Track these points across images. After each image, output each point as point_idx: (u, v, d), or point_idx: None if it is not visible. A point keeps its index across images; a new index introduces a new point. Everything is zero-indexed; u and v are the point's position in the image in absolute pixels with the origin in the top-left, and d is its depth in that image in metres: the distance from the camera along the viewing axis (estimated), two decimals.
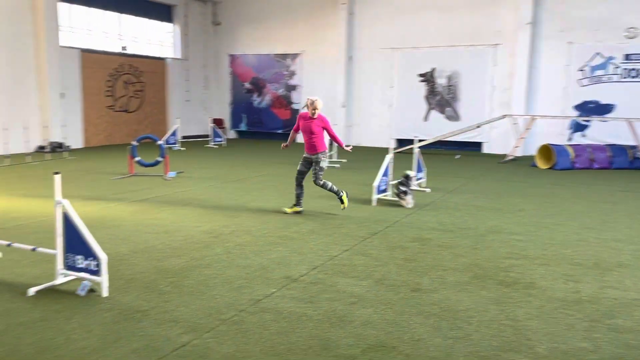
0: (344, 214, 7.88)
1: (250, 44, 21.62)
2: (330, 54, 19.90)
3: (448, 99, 18.38)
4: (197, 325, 3.95)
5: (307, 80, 20.68)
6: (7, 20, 14.88)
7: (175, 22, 21.13)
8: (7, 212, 7.67)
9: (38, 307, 4.23)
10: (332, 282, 4.94)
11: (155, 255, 5.70)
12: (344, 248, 6.09)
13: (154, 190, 9.67)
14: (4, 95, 14.97)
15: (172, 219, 7.40)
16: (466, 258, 5.79)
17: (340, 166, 13.56)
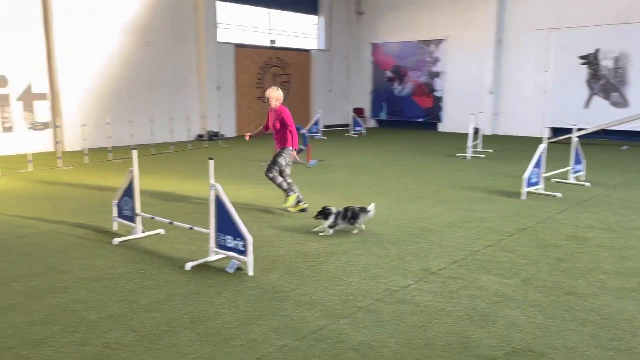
0: (487, 208, 7.43)
1: (392, 32, 21.39)
2: (477, 38, 18.90)
3: (614, 84, 16.36)
4: (334, 310, 4.00)
5: (452, 67, 19.90)
6: (171, 19, 16.51)
7: (320, 14, 21.69)
8: (170, 193, 8.53)
9: (193, 280, 4.62)
10: (473, 278, 4.67)
11: (296, 239, 5.91)
12: (488, 243, 5.73)
13: (296, 176, 10.05)
14: (169, 88, 16.68)
15: (312, 204, 7.61)
16: (632, 261, 5.10)
17: (485, 156, 12.85)
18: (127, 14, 15.28)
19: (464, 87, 19.46)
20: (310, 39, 21.88)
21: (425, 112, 20.87)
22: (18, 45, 13.23)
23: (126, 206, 6.05)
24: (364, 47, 22.45)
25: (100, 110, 14.73)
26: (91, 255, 5.35)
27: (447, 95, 20.15)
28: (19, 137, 12.99)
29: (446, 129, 20.14)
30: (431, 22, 20.13)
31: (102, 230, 6.26)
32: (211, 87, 17.48)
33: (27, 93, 13.56)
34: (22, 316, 3.90)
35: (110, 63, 15.06)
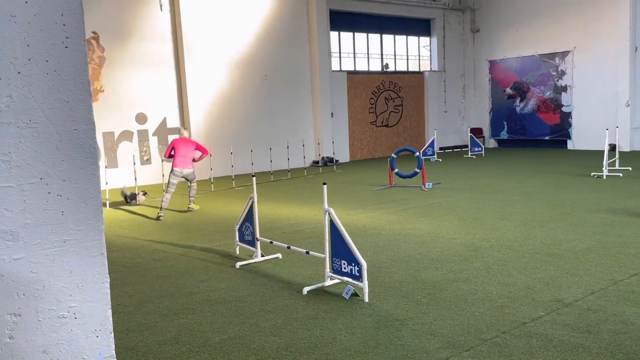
0: (628, 233, 6.64)
1: (511, 47, 20.42)
2: (608, 47, 17.36)
3: None
4: (455, 342, 3.76)
5: (580, 79, 18.43)
6: (288, 52, 17.29)
7: (433, 35, 21.41)
8: (287, 218, 8.78)
9: (310, 305, 4.65)
10: (616, 311, 4.15)
11: (412, 264, 5.72)
12: (633, 272, 5.09)
13: (411, 200, 9.85)
14: (286, 116, 17.38)
15: (428, 229, 7.37)
16: None
17: (623, 175, 11.60)
18: (248, 50, 16.31)
19: (596, 100, 17.89)
20: (424, 61, 21.63)
21: (552, 129, 19.46)
22: (154, 84, 14.69)
23: (247, 231, 6.31)
24: (481, 64, 21.68)
25: (224, 140, 15.76)
26: (216, 278, 5.63)
27: (577, 110, 18.65)
28: (155, 168, 14.29)
29: (577, 146, 18.60)
30: (555, 34, 18.90)
31: (226, 254, 6.58)
32: (325, 114, 17.92)
33: (161, 128, 14.94)
34: (155, 336, 4.17)
35: (232, 96, 16.12)
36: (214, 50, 15.58)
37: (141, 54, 14.45)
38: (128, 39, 14.25)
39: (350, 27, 19.21)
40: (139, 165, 14.12)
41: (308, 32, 17.60)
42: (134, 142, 14.48)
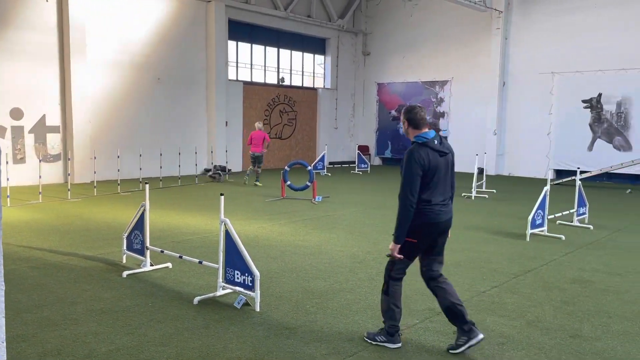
0: (492, 249, 7.48)
1: (397, 72, 21.87)
2: (481, 80, 19.29)
3: (617, 127, 16.59)
4: (341, 348, 4.04)
5: (456, 107, 20.24)
6: (183, 57, 16.97)
7: (328, 54, 22.25)
8: (178, 227, 8.64)
9: (201, 315, 4.68)
10: (479, 319, 4.71)
11: (302, 275, 5.97)
12: (493, 284, 5.78)
13: (302, 213, 10.17)
14: (179, 123, 17.00)
15: (318, 241, 7.70)
16: (637, 305, 5.13)
17: (488, 197, 12.95)
18: (141, 51, 15.75)
19: (469, 127, 19.74)
20: (318, 78, 22.38)
21: None
22: (33, 78, 13.62)
23: (136, 239, 6.15)
24: (370, 86, 22.91)
25: (111, 143, 15.01)
26: (101, 287, 5.42)
27: (452, 135, 20.40)
28: (30, 168, 13.20)
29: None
30: (437, 64, 20.59)
31: (111, 263, 6.35)
32: (220, 122, 17.81)
33: (39, 125, 13.86)
34: (34, 347, 3.96)
35: (122, 98, 15.44)
36: (103, 48, 14.85)
37: (20, 44, 13.34)
38: (5, 26, 13.10)
39: (249, 38, 19.34)
40: (11, 164, 12.97)
41: (206, 39, 17.43)
42: (7, 139, 13.27)
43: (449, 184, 4.01)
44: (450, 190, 4.05)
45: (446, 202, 4.02)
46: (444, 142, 4.02)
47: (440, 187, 3.94)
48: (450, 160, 4.02)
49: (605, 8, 16.53)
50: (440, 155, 3.93)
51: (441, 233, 4.06)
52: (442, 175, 3.93)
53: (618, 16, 16.27)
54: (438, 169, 3.90)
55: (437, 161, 3.90)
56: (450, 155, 4.03)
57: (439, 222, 3.98)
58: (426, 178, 3.87)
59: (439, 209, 3.95)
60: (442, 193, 3.97)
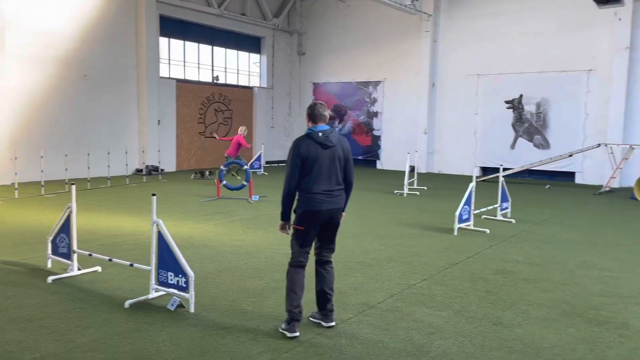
0: (422, 244, 7.78)
1: (332, 73, 22.14)
2: (412, 81, 19.91)
3: (537, 127, 17.67)
4: (276, 345, 4.08)
5: (389, 107, 20.77)
6: (112, 53, 16.36)
7: (263, 53, 22.17)
8: (108, 229, 8.34)
9: (132, 318, 4.57)
10: (409, 311, 4.90)
11: (238, 275, 5.95)
12: (423, 277, 6.02)
13: (238, 212, 10.10)
14: (108, 121, 16.37)
15: (254, 240, 7.69)
16: (553, 293, 5.52)
17: (420, 194, 13.41)
18: (66, 46, 15.02)
19: (401, 126, 20.32)
20: (254, 77, 22.25)
21: (365, 150, 21.52)
22: None
23: (62, 243, 5.90)
24: (306, 86, 23.05)
25: (34, 142, 14.21)
26: (24, 294, 5.16)
27: (385, 135, 20.95)
28: None
29: (385, 166, 20.83)
30: (370, 65, 21.03)
31: (35, 268, 6.04)
32: (152, 121, 17.31)
33: None
34: None
35: (45, 95, 14.65)
36: (23, 42, 14.02)
37: None
38: None
39: (182, 35, 18.92)
40: None
41: (136, 35, 16.88)
42: None
43: (334, 175, 4.22)
44: (336, 181, 4.25)
45: (331, 192, 4.25)
46: (331, 136, 4.21)
47: (323, 177, 4.18)
48: (337, 154, 4.23)
49: (524, 13, 17.53)
50: (323, 148, 4.17)
51: (327, 221, 4.33)
52: (324, 166, 4.18)
53: (537, 22, 17.30)
54: (318, 160, 4.15)
55: (318, 152, 4.16)
56: (338, 148, 4.24)
57: (320, 209, 4.23)
58: (305, 167, 4.16)
59: (321, 198, 4.21)
60: (327, 183, 4.21)
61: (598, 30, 16.32)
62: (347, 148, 4.32)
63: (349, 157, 4.34)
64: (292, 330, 4.22)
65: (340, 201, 4.35)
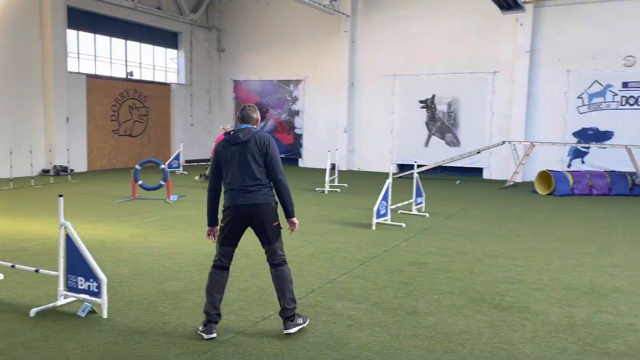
0: (342, 239, 7.95)
1: (253, 70, 21.99)
2: (332, 80, 20.23)
3: (448, 125, 18.59)
4: (195, 347, 4.01)
5: (310, 106, 20.97)
6: (16, 46, 15.23)
7: (181, 49, 21.57)
8: (11, 234, 7.77)
9: (39, 327, 4.30)
10: (329, 305, 5.00)
11: (155, 277, 5.78)
12: (343, 272, 6.16)
13: (156, 213, 9.78)
14: (10, 118, 15.23)
15: (173, 241, 7.49)
16: (463, 282, 5.85)
17: (340, 191, 13.68)
18: None
19: (322, 125, 20.59)
20: (171, 73, 21.59)
21: (287, 148, 21.59)
22: None
23: None
24: (226, 83, 22.72)
25: None
26: None
27: (307, 133, 21.13)
28: None
29: (307, 164, 21.02)
30: (291, 63, 21.11)
31: None
32: (59, 118, 16.31)
33: None
34: None
35: None
36: None
37: None
38: None
39: (92, 28, 17.97)
40: None
41: (40, 27, 15.82)
42: None
43: (249, 171, 4.17)
44: (252, 177, 4.17)
45: (246, 188, 4.18)
46: (242, 133, 4.20)
47: (234, 173, 4.20)
48: (250, 150, 4.16)
49: (435, 17, 18.37)
50: (232, 144, 4.22)
51: (250, 219, 4.26)
52: (235, 162, 4.19)
53: (447, 25, 18.19)
54: (229, 157, 4.20)
55: (229, 149, 4.22)
56: (250, 144, 4.16)
57: (235, 204, 4.21)
58: (220, 165, 4.26)
59: (236, 193, 4.20)
60: (241, 179, 4.19)
61: (502, 34, 17.45)
62: (264, 144, 4.20)
63: (269, 152, 4.19)
64: (208, 331, 4.16)
65: (259, 197, 4.22)
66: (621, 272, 6.37)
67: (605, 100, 16.40)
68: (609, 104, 16.36)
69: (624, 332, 4.47)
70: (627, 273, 6.35)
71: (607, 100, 16.37)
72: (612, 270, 6.47)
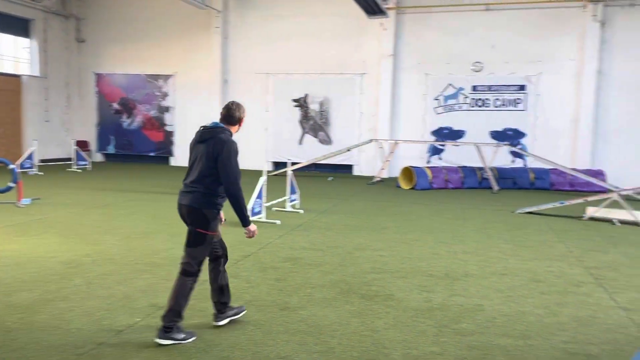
0: None
1: (118, 63, 20.68)
2: (205, 76, 19.74)
3: (320, 124, 19.13)
4: None
5: (181, 102, 20.27)
6: None
7: (34, 37, 19.56)
8: None
9: None
10: (201, 307, 4.89)
11: (2, 289, 5.19)
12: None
13: (3, 219, 8.79)
14: None
15: (24, 249, 6.79)
16: (333, 275, 6.06)
17: None
18: None
19: (194, 122, 19.95)
20: (23, 64, 19.50)
21: (157, 146, 20.66)
22: None
23: None
24: (87, 76, 21.10)
25: None
26: None
27: (179, 130, 20.41)
28: None
29: (179, 162, 20.29)
30: (160, 57, 20.21)
31: None
32: None
33: None
34: None
35: None
36: None
37: None
38: None
39: None
40: None
41: None
42: None
43: (197, 170, 4.13)
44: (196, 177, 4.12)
45: (187, 187, 4.18)
46: (205, 132, 4.18)
47: (190, 171, 4.23)
48: (207, 150, 4.09)
49: (306, 18, 18.78)
50: (196, 142, 4.22)
51: (184, 218, 4.24)
52: (194, 160, 4.19)
53: (317, 27, 18.70)
54: (193, 154, 4.22)
55: (194, 146, 4.23)
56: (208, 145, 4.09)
57: (178, 202, 4.26)
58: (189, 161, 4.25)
59: (182, 190, 4.24)
60: (189, 177, 4.20)
61: (368, 37, 18.37)
62: (216, 148, 4.05)
63: (219, 158, 4.03)
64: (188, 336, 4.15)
65: (190, 199, 4.12)
66: (471, 258, 7.05)
67: (458, 102, 18.03)
68: (461, 105, 18.01)
69: (474, 312, 4.96)
70: (477, 258, 7.05)
71: (459, 102, 18.01)
72: (464, 256, 7.14)
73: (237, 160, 4.12)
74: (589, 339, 4.38)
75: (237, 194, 4.12)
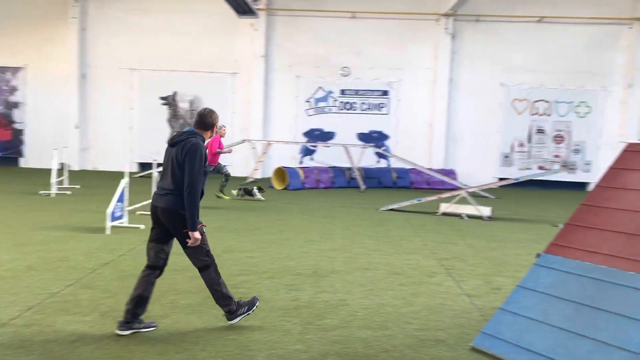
0: (70, 247, 7.19)
1: None
2: (60, 70, 18.14)
3: (191, 124, 18.54)
4: None
5: (33, 98, 18.42)
6: None
7: None
8: None
9: None
10: (49, 322, 4.46)
11: None
12: (68, 283, 5.56)
13: None
14: None
15: None
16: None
17: (71, 193, 12.38)
18: None
19: (49, 120, 18.30)
20: None
21: (3, 145, 18.56)
22: None
23: None
24: None
25: None
26: None
27: (30, 128, 18.51)
28: None
29: (30, 164, 18.41)
30: (6, 48, 18.20)
31: None
32: None
33: None
34: None
35: None
36: None
37: None
38: None
39: None
40: None
41: None
42: None
43: (168, 174, 4.34)
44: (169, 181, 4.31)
45: (161, 189, 4.38)
46: (176, 136, 4.41)
47: (162, 174, 4.45)
48: (176, 154, 4.29)
49: (175, 14, 18.15)
50: (169, 145, 4.41)
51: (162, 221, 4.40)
52: (166, 164, 4.39)
53: (187, 24, 18.13)
54: (165, 157, 4.41)
55: (167, 150, 4.42)
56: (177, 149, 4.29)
57: (153, 203, 4.44)
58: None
59: (156, 193, 4.45)
60: (163, 180, 4.41)
61: (240, 37, 18.24)
62: (184, 152, 4.25)
63: (186, 157, 4.23)
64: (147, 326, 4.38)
65: (165, 201, 4.31)
66: (338, 255, 7.31)
67: (328, 105, 18.63)
68: (331, 108, 18.64)
69: (338, 308, 5.13)
70: (343, 255, 7.32)
71: (329, 104, 18.63)
72: (331, 253, 7.37)
73: (202, 165, 4.32)
74: (439, 325, 4.76)
75: (192, 197, 4.27)
